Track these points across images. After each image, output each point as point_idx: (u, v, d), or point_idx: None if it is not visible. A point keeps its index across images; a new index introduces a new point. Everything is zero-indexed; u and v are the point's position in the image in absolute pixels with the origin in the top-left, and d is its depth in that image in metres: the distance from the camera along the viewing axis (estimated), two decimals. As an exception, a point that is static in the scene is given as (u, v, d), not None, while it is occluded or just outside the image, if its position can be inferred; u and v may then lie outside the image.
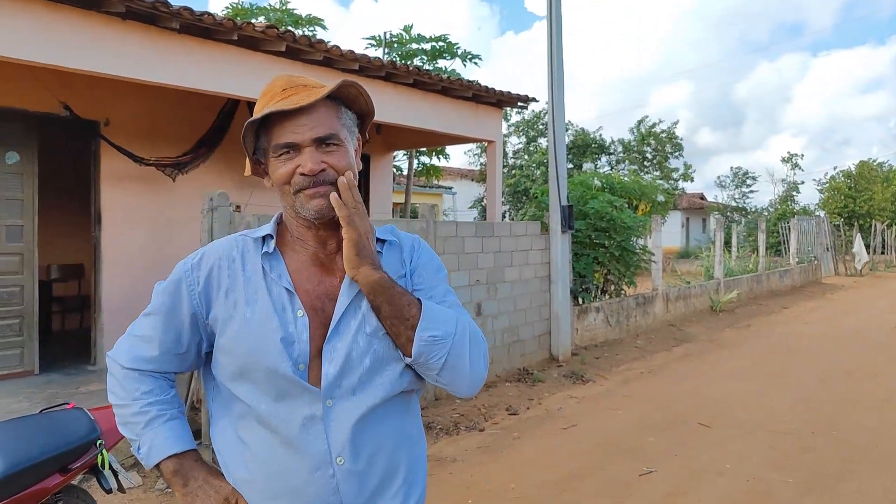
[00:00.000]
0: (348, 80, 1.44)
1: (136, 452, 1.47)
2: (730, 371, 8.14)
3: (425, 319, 1.38)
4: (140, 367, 1.47)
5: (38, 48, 4.99)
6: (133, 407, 1.45)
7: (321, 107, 1.41)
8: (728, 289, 14.21)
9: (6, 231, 6.44)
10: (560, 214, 8.58)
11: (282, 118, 1.40)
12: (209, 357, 1.50)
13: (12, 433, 2.69)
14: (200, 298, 1.44)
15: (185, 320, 1.45)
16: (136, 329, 1.50)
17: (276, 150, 1.41)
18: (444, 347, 1.37)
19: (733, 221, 32.42)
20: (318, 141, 1.39)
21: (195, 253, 1.52)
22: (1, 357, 6.40)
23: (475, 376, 1.43)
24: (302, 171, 1.38)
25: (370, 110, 1.53)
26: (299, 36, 6.57)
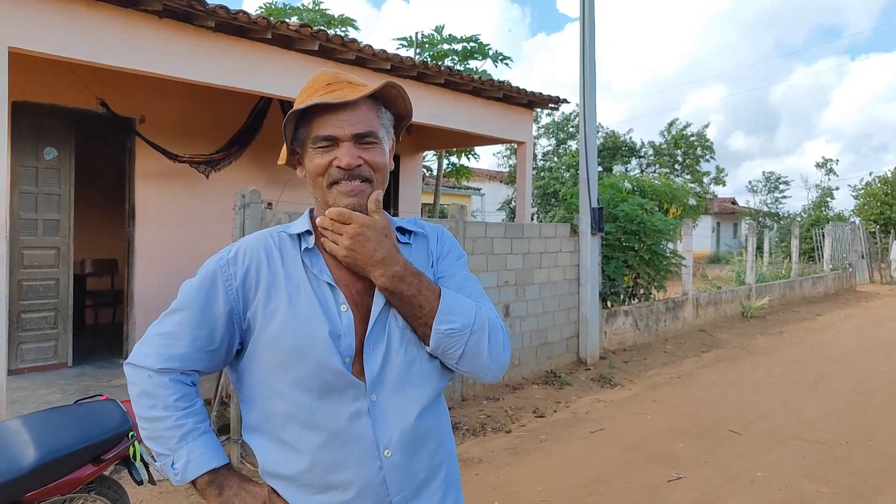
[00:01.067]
0: (392, 82, 1.45)
1: (165, 468, 1.40)
2: (761, 378, 8.01)
3: (443, 312, 1.40)
4: (171, 367, 1.40)
5: (77, 45, 5.07)
6: (167, 421, 1.38)
7: (363, 104, 1.44)
8: (760, 295, 14.00)
9: (43, 225, 6.56)
10: (590, 216, 8.52)
11: (324, 111, 1.42)
12: (238, 355, 1.47)
13: (48, 423, 2.73)
14: (238, 294, 1.42)
15: (219, 316, 1.42)
16: (160, 328, 1.44)
17: (315, 142, 1.42)
18: (462, 339, 1.40)
19: (765, 227, 31.96)
20: (356, 137, 1.41)
21: (229, 248, 1.50)
22: (36, 349, 6.52)
23: (495, 365, 1.45)
24: (338, 165, 1.40)
25: (408, 113, 1.54)
26: (332, 35, 6.61)
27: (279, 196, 7.75)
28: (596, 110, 8.77)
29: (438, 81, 7.98)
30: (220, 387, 5.27)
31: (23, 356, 6.40)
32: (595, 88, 8.70)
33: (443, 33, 12.41)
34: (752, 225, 15.25)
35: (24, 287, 6.43)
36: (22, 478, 2.51)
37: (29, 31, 4.80)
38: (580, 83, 8.66)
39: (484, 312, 1.45)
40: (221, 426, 5.09)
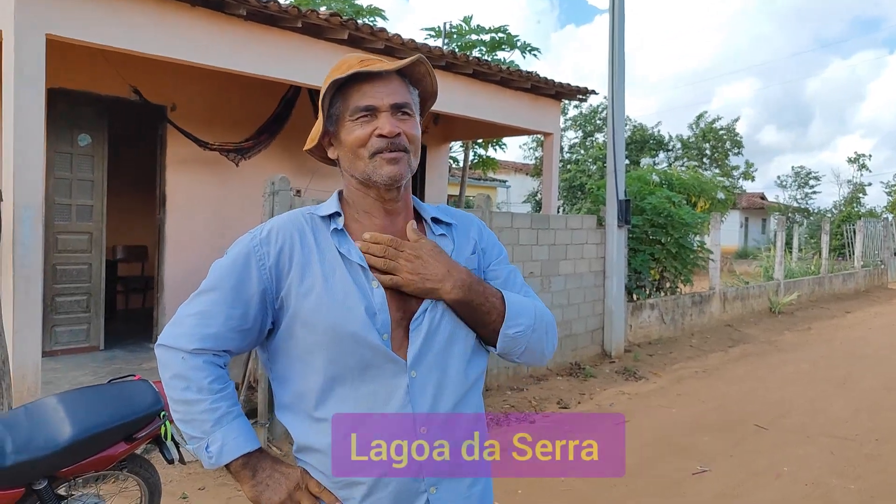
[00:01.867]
0: (421, 56, 1.48)
1: (199, 451, 1.39)
2: (789, 374, 7.92)
3: (510, 316, 1.45)
4: (204, 347, 1.39)
5: (112, 33, 5.15)
6: (201, 404, 1.37)
7: (396, 79, 1.47)
8: (788, 290, 13.83)
9: (77, 210, 6.68)
10: (617, 209, 8.47)
11: (361, 84, 1.44)
12: (269, 335, 1.48)
13: (83, 401, 2.79)
14: (271, 273, 1.42)
15: (253, 295, 1.41)
16: (192, 308, 1.44)
17: (353, 113, 1.44)
18: (526, 339, 1.47)
19: (795, 222, 31.53)
20: (394, 107, 1.43)
21: (260, 227, 1.50)
22: (69, 332, 6.65)
23: (548, 354, 1.54)
24: (380, 133, 1.41)
25: (433, 91, 1.56)
26: (361, 24, 6.63)
27: (307, 184, 7.80)
28: (624, 102, 8.70)
29: (466, 72, 7.97)
30: (248, 371, 5.34)
31: (56, 338, 6.53)
32: (624, 80, 8.64)
33: (471, 24, 12.38)
34: (782, 220, 15.06)
35: (58, 271, 6.56)
36: (58, 453, 2.57)
37: (65, 19, 4.88)
38: (609, 75, 8.60)
39: (541, 309, 1.51)
40: (249, 410, 5.16)
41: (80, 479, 2.82)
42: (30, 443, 2.55)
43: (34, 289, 4.68)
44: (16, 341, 4.49)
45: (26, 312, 4.62)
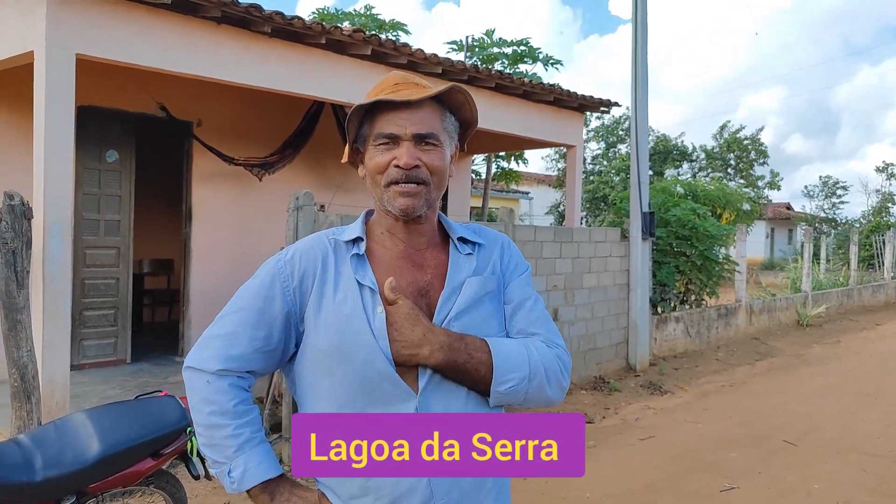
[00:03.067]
0: (458, 86, 1.45)
1: (221, 476, 1.40)
2: (818, 388, 7.79)
3: (498, 372, 1.40)
4: (230, 367, 1.41)
5: (140, 51, 5.24)
6: (226, 429, 1.39)
7: (427, 106, 1.44)
8: (816, 303, 13.62)
9: (105, 225, 6.79)
10: (641, 221, 8.42)
11: (388, 110, 1.43)
12: (292, 358, 1.49)
13: (111, 417, 2.82)
14: (295, 295, 1.43)
15: (277, 317, 1.43)
16: (217, 330, 1.45)
17: (376, 139, 1.44)
18: (522, 391, 1.43)
19: (822, 233, 31.08)
20: (417, 137, 1.41)
21: (285, 250, 1.52)
22: (97, 346, 6.73)
23: (556, 400, 1.50)
24: (397, 164, 1.40)
25: (474, 119, 1.54)
26: (384, 40, 6.68)
27: (331, 199, 7.86)
28: (648, 113, 8.67)
29: (489, 85, 7.99)
30: (273, 385, 5.36)
31: (84, 352, 6.62)
32: (647, 91, 8.60)
33: (493, 37, 12.43)
34: (809, 231, 14.86)
35: (87, 285, 6.66)
36: (87, 469, 2.60)
37: (95, 39, 4.98)
38: (632, 86, 8.57)
39: (536, 356, 1.45)
40: (273, 424, 5.18)
41: (108, 495, 2.84)
42: (59, 459, 2.58)
43: (63, 303, 4.75)
44: (45, 355, 4.55)
45: (56, 327, 4.69)
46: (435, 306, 1.45)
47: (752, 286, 16.13)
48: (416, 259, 1.49)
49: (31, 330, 3.94)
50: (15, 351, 3.84)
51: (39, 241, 4.53)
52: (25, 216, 3.87)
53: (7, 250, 3.78)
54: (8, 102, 6.18)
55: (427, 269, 1.49)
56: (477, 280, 1.49)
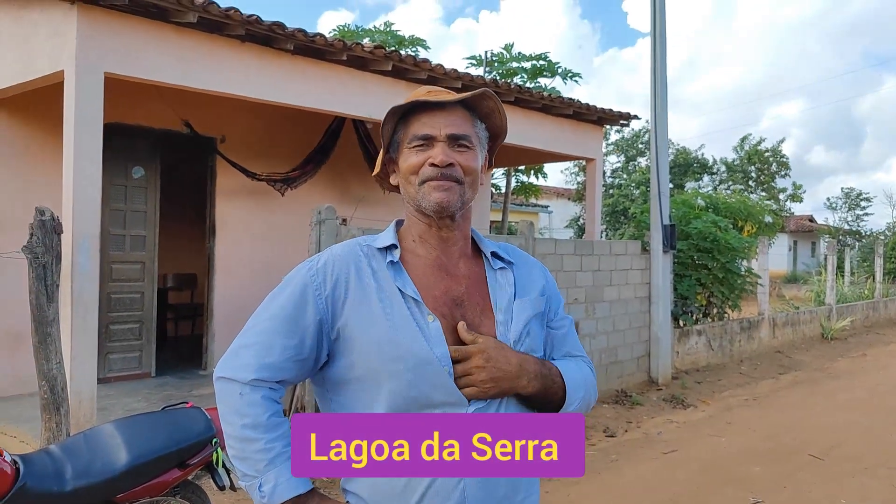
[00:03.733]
0: (489, 91, 1.49)
1: (251, 490, 1.39)
2: (843, 403, 7.69)
3: (569, 395, 1.50)
4: (262, 377, 1.40)
5: (166, 70, 5.35)
6: (257, 443, 1.37)
7: (459, 112, 1.49)
8: (841, 315, 13.45)
9: (130, 240, 6.90)
10: (661, 234, 8.39)
11: (422, 114, 1.47)
12: (323, 366, 1.48)
13: (139, 428, 2.86)
14: (327, 304, 1.42)
15: (309, 325, 1.42)
16: (249, 339, 1.44)
17: (411, 141, 1.47)
18: (580, 410, 1.54)
19: (846, 245, 30.70)
20: (451, 138, 1.45)
21: (317, 257, 1.51)
22: (122, 359, 6.82)
23: (590, 409, 1.62)
24: (432, 162, 1.43)
25: (503, 128, 1.56)
26: (405, 56, 6.75)
27: (352, 213, 7.92)
28: (667, 126, 8.66)
29: (508, 99, 8.04)
30: (296, 398, 5.40)
31: (110, 365, 6.71)
32: (666, 104, 8.60)
33: (512, 51, 12.50)
34: (832, 243, 14.70)
35: (113, 300, 6.76)
36: (115, 479, 2.64)
37: (123, 58, 5.09)
38: (651, 99, 8.58)
39: (589, 376, 1.58)
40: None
41: (135, 505, 2.88)
42: (89, 469, 2.62)
43: (91, 317, 4.84)
44: (73, 368, 4.63)
45: (83, 340, 4.77)
46: (469, 317, 1.47)
47: (775, 299, 15.97)
48: (450, 268, 1.50)
49: (60, 343, 4.00)
50: (45, 363, 3.91)
51: (68, 256, 4.62)
52: (56, 231, 3.95)
53: (38, 264, 3.86)
54: (38, 120, 6.32)
55: (461, 280, 1.50)
56: (527, 303, 1.54)
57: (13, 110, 6.25)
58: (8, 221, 6.04)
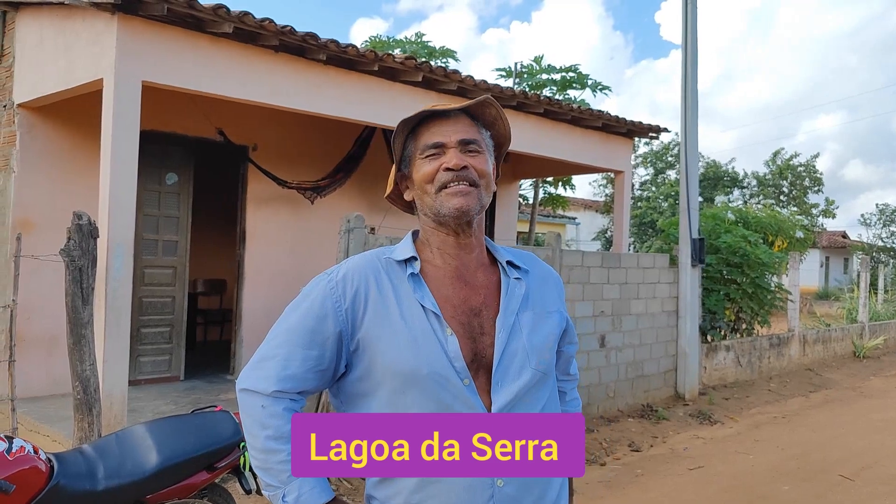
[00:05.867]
0: (490, 98, 1.52)
1: (275, 500, 1.41)
2: (876, 422, 7.54)
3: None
4: (284, 388, 1.42)
5: (201, 79, 5.45)
6: (280, 454, 1.39)
7: (464, 118, 1.53)
8: (874, 334, 13.21)
9: (163, 245, 7.01)
10: (690, 247, 8.32)
11: (431, 124, 1.51)
12: (341, 377, 1.50)
13: (169, 430, 2.91)
14: (347, 315, 1.44)
15: (329, 337, 1.44)
16: (269, 351, 1.46)
17: (423, 151, 1.50)
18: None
19: (880, 262, 30.13)
20: (462, 143, 1.48)
21: (336, 269, 1.52)
22: (152, 362, 6.93)
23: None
24: (447, 166, 1.46)
25: (507, 135, 1.59)
26: (435, 67, 6.81)
27: (381, 222, 7.98)
28: (697, 138, 8.61)
29: (538, 111, 8.05)
30: (321, 404, 5.44)
31: (140, 368, 6.81)
32: (697, 116, 8.55)
33: (542, 63, 12.52)
34: (865, 259, 14.46)
35: (144, 303, 6.87)
36: (145, 480, 2.70)
37: (160, 67, 5.20)
38: (682, 111, 8.54)
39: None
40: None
41: (163, 506, 2.93)
42: (120, 469, 2.68)
43: (124, 320, 4.93)
44: (105, 370, 4.71)
45: (116, 343, 4.86)
46: (487, 326, 1.48)
47: (806, 316, 15.72)
48: (468, 278, 1.51)
49: (93, 345, 4.09)
50: (79, 364, 4.00)
51: (103, 260, 4.71)
52: (92, 235, 4.04)
53: (74, 267, 3.95)
54: (77, 127, 6.47)
55: (479, 290, 1.51)
56: (539, 316, 1.55)
57: (54, 117, 6.41)
58: (46, 224, 6.18)
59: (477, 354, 1.45)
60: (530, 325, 1.51)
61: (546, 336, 1.53)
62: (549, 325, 1.55)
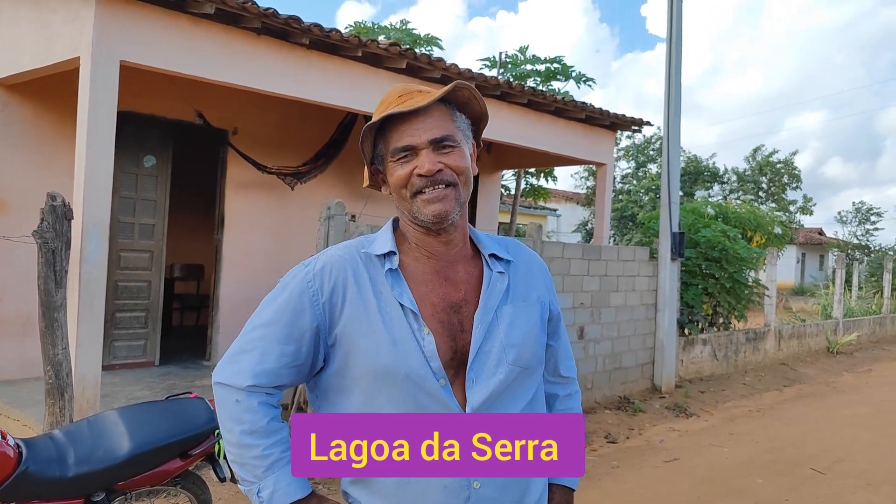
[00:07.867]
0: (461, 83, 1.43)
1: (250, 494, 1.40)
2: (849, 417, 7.65)
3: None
4: (259, 383, 1.40)
5: (181, 60, 5.35)
6: (255, 449, 1.38)
7: (435, 110, 1.42)
8: (847, 330, 13.39)
9: (140, 229, 6.91)
10: (670, 241, 8.36)
11: (399, 123, 1.41)
12: (319, 372, 1.47)
13: (142, 416, 2.86)
14: (325, 310, 1.41)
15: (305, 332, 1.41)
16: (246, 345, 1.43)
17: (393, 154, 1.42)
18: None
19: (854, 259, 30.54)
20: (434, 142, 1.39)
21: (313, 260, 1.48)
22: (127, 347, 6.84)
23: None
24: (419, 172, 1.38)
25: (483, 113, 1.51)
26: (419, 54, 6.75)
27: (361, 209, 7.92)
28: (680, 133, 8.64)
29: (521, 101, 8.02)
30: (298, 392, 5.40)
31: (115, 353, 6.72)
32: (680, 111, 8.58)
33: (526, 54, 12.48)
34: (841, 256, 14.64)
35: (120, 287, 6.77)
36: (117, 466, 2.64)
37: (139, 47, 5.10)
38: (665, 106, 8.56)
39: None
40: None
41: (136, 494, 2.88)
42: (91, 455, 2.63)
43: (98, 304, 4.85)
44: (78, 354, 4.64)
45: (89, 327, 4.78)
46: (467, 323, 1.44)
47: (782, 311, 15.90)
48: (449, 274, 1.47)
49: (66, 328, 4.02)
50: (51, 348, 3.92)
51: (78, 242, 4.62)
52: (66, 217, 3.96)
53: (47, 249, 3.87)
54: (53, 105, 6.34)
55: (460, 285, 1.47)
56: (522, 308, 1.50)
57: (30, 95, 6.26)
58: (21, 205, 6.06)
59: (457, 352, 1.42)
60: (509, 320, 1.47)
61: (527, 331, 1.49)
62: (530, 318, 1.51)
